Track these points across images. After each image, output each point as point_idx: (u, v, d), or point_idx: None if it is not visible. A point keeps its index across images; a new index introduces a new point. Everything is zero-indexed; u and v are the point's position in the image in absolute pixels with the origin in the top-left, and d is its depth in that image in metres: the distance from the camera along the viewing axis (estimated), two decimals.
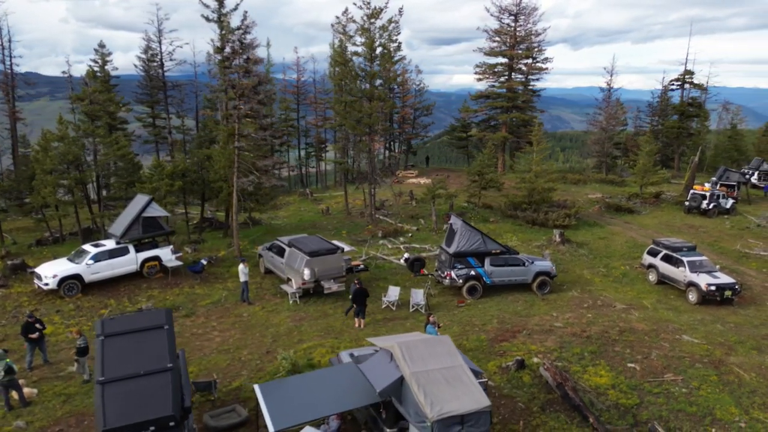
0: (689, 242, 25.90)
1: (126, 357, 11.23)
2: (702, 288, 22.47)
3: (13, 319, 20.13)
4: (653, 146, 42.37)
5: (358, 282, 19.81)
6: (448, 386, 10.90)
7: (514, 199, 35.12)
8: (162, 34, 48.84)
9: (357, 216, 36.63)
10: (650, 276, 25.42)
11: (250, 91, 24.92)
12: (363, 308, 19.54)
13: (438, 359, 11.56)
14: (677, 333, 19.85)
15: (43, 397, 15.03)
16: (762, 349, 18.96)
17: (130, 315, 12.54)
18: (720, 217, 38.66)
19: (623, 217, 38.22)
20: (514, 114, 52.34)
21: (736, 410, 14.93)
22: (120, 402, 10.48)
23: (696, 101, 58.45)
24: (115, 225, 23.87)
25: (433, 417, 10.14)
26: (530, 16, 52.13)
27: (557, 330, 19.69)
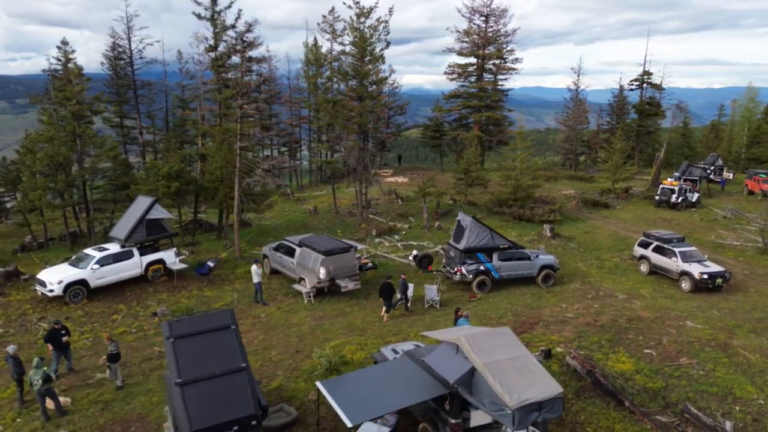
0: (678, 234, 27.33)
1: (199, 358, 11.14)
2: (695, 276, 23.81)
3: (21, 327, 19.36)
4: (623, 144, 44.21)
5: (388, 278, 20.53)
6: (520, 375, 11.33)
7: (500, 195, 36.01)
8: (131, 32, 47.51)
9: (346, 215, 36.72)
10: (642, 267, 26.69)
11: (253, 90, 24.64)
12: (389, 303, 20.04)
13: (504, 350, 11.98)
14: (680, 320, 21.01)
15: (79, 406, 14.61)
16: (758, 332, 20.31)
17: (194, 317, 12.35)
18: (688, 210, 40.79)
19: (600, 211, 39.81)
20: (487, 113, 53.50)
21: (752, 389, 16.01)
22: (202, 403, 10.43)
23: (654, 100, 61.24)
24: (118, 228, 23.21)
25: (514, 405, 10.53)
26: (500, 17, 53.40)
27: (571, 321, 20.50)
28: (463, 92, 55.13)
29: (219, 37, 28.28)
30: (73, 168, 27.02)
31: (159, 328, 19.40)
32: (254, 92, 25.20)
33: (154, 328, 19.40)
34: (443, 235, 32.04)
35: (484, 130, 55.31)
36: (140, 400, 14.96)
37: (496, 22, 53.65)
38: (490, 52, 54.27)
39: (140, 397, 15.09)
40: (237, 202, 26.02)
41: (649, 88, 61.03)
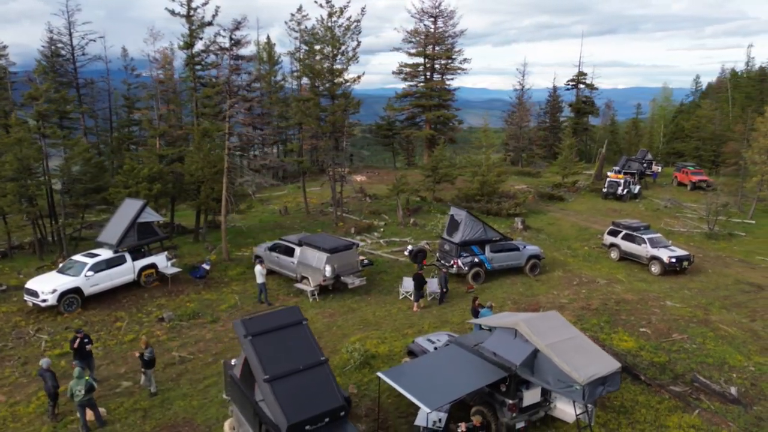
0: (644, 222, 29.55)
1: (279, 354, 11.21)
2: (665, 260, 25.93)
3: (19, 340, 18.26)
4: (572, 140, 46.87)
5: (420, 269, 21.71)
6: (579, 354, 12.25)
7: (468, 191, 37.28)
8: (73, 27, 44.98)
9: (318, 215, 36.73)
10: (612, 254, 28.66)
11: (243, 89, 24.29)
12: (419, 293, 20.96)
13: (558, 331, 12.87)
14: (660, 300, 22.90)
15: (116, 415, 14.17)
16: (728, 308, 22.53)
17: (264, 314, 12.27)
18: (632, 201, 43.90)
19: (556, 204, 42.07)
20: (439, 112, 54.90)
21: (741, 358, 17.86)
22: (292, 397, 10.56)
23: (589, 99, 65.08)
24: (107, 233, 22.22)
25: (584, 381, 11.41)
26: (449, 18, 54.95)
27: (567, 306, 21.86)
28: (415, 92, 56.23)
29: (195, 34, 27.57)
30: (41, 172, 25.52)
31: (171, 332, 18.99)
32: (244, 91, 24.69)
33: (166, 332, 18.90)
34: (419, 232, 32.87)
35: (434, 129, 56.71)
36: (179, 404, 14.69)
37: (444, 24, 55.16)
38: (439, 52, 55.73)
39: (178, 402, 14.81)
40: (225, 203, 25.56)
41: (584, 88, 64.76)
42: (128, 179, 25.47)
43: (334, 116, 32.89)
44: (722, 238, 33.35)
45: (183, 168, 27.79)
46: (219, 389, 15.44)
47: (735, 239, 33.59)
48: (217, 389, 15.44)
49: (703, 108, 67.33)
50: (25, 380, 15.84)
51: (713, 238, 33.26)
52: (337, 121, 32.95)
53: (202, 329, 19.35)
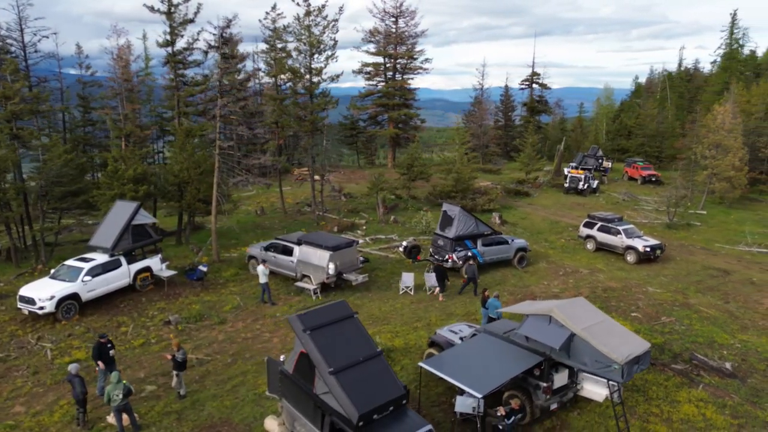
0: (617, 214, 31.18)
1: (337, 347, 11.43)
2: (640, 249, 27.54)
3: (21, 350, 17.48)
4: (534, 138, 48.62)
5: (441, 263, 22.97)
6: (612, 336, 13.09)
7: (443, 188, 38.10)
8: (25, 22, 42.67)
9: (295, 214, 36.60)
10: (588, 245, 30.11)
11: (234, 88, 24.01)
12: (442, 284, 22.27)
13: (589, 316, 13.69)
14: (642, 287, 24.38)
15: (150, 419, 13.95)
16: (703, 292, 24.24)
17: (316, 309, 12.33)
18: (592, 195, 46.05)
19: (523, 199, 43.58)
20: (402, 111, 55.56)
21: (727, 336, 19.38)
22: (358, 388, 10.82)
23: (543, 98, 67.53)
24: (100, 236, 21.48)
25: (623, 360, 12.23)
26: (411, 18, 55.70)
27: (560, 295, 22.95)
28: (378, 91, 56.65)
29: (176, 31, 27.00)
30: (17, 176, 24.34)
31: (181, 335, 18.68)
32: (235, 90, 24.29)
33: (179, 335, 18.57)
34: (401, 229, 33.38)
35: (397, 128, 57.35)
36: (211, 405, 14.59)
37: (406, 24, 55.90)
38: (401, 52, 56.40)
39: (209, 403, 14.70)
40: (215, 203, 25.19)
41: (538, 88, 67.18)
42: (113, 181, 24.66)
43: (313, 115, 32.91)
44: (681, 228, 35.61)
45: (165, 169, 27.12)
46: (248, 389, 15.44)
47: (692, 229, 35.94)
48: (245, 389, 15.41)
49: (646, 107, 71.26)
50: (41, 389, 15.26)
51: (673, 228, 35.46)
52: (316, 119, 32.98)
53: (211, 331, 19.12)
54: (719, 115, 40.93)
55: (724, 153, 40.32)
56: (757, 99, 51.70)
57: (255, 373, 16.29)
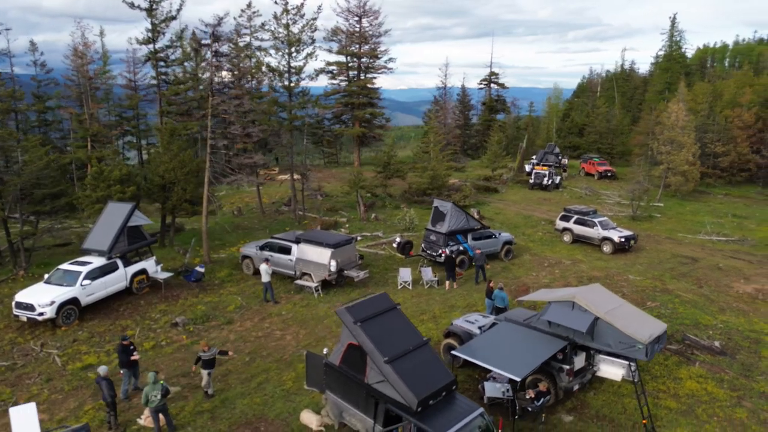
0: (591, 207, 32.66)
1: (387, 337, 11.78)
2: (615, 240, 29.04)
3: (25, 357, 16.87)
4: (500, 135, 50.05)
5: (452, 252, 23.74)
6: (632, 318, 14.00)
7: (419, 185, 38.76)
8: None
9: (274, 214, 36.40)
10: (565, 237, 31.44)
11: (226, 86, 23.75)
12: (452, 272, 23.04)
13: (608, 301, 14.56)
14: (622, 275, 25.77)
15: (182, 419, 13.87)
16: (678, 278, 25.85)
17: (360, 302, 12.54)
18: (556, 191, 47.90)
19: (492, 195, 44.84)
20: (368, 110, 55.88)
21: (709, 317, 20.85)
22: (413, 375, 11.22)
23: (501, 97, 69.39)
24: (94, 239, 20.84)
25: (646, 340, 13.14)
26: (375, 17, 56.04)
27: (551, 284, 23.99)
28: (344, 89, 56.72)
29: (158, 29, 26.44)
30: None
31: (193, 336, 18.48)
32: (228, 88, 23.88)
33: (190, 336, 18.37)
34: (383, 226, 33.79)
35: (363, 127, 57.60)
36: (242, 403, 14.61)
37: (370, 23, 56.22)
38: (365, 51, 56.69)
39: (239, 401, 14.71)
40: (206, 203, 24.85)
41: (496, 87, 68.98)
42: (98, 182, 23.93)
43: (291, 114, 32.85)
44: (644, 220, 37.66)
45: (149, 169, 26.53)
46: (274, 385, 15.52)
47: (654, 220, 38.07)
48: (271, 386, 15.49)
49: (597, 106, 74.40)
50: (59, 396, 14.84)
51: (637, 220, 37.44)
52: (296, 118, 32.94)
53: (221, 331, 18.99)
54: (673, 113, 43.43)
55: (679, 149, 42.84)
56: (701, 98, 55.03)
57: (277, 370, 16.38)
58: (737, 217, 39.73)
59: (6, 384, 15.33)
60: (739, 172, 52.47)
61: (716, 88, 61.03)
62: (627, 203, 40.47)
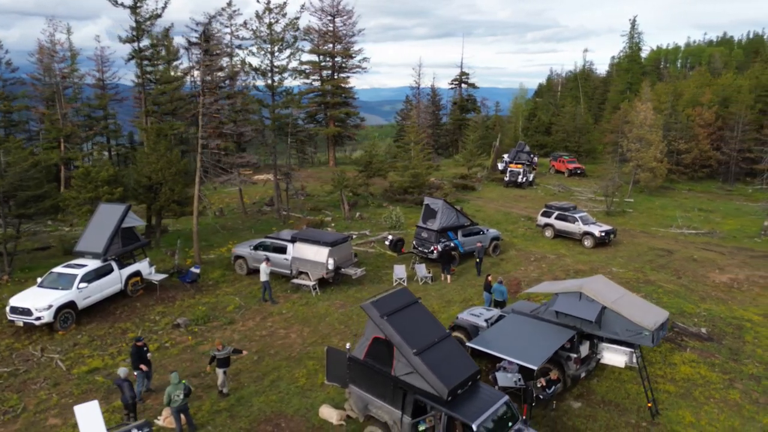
0: (572, 203, 33.64)
1: (413, 330, 12.07)
2: (596, 235, 30.05)
3: (26, 362, 16.47)
4: (476, 134, 50.91)
5: (447, 246, 24.20)
6: (636, 307, 14.70)
7: (401, 184, 39.13)
8: None
9: (256, 214, 36.18)
10: (547, 233, 32.33)
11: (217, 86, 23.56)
12: (447, 266, 23.53)
13: (612, 291, 15.22)
14: (606, 267, 26.71)
15: (201, 418, 13.85)
16: (658, 270, 26.96)
17: (383, 297, 12.71)
18: (530, 188, 49.05)
19: (471, 193, 45.62)
20: (344, 109, 55.99)
21: (692, 306, 21.88)
22: (441, 366, 11.55)
23: (471, 97, 70.46)
24: (87, 241, 20.41)
25: (653, 327, 13.82)
26: (348, 17, 56.20)
27: (540, 278, 24.71)
28: (318, 89, 56.66)
29: (142, 27, 26.02)
30: None
31: (199, 337, 18.37)
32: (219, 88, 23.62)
33: (194, 336, 18.24)
34: (369, 224, 34.04)
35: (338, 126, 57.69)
36: (258, 401, 14.68)
37: (344, 23, 56.35)
38: (338, 50, 56.79)
39: (255, 399, 14.78)
40: (197, 204, 24.61)
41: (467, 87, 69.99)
42: (86, 183, 23.41)
43: (276, 114, 32.77)
44: (618, 215, 38.98)
45: (135, 170, 26.10)
46: (287, 383, 15.62)
47: (627, 215, 39.46)
48: (285, 383, 15.58)
49: (563, 105, 76.37)
50: (70, 400, 14.55)
51: (611, 215, 38.71)
52: (280, 117, 32.86)
53: (224, 331, 18.92)
54: (641, 112, 45.07)
55: (647, 146, 44.47)
56: (664, 97, 57.17)
57: (287, 368, 16.46)
58: (703, 211, 41.54)
59: (12, 390, 14.97)
60: (701, 168, 54.79)
61: (677, 88, 63.51)
62: (600, 199, 41.81)
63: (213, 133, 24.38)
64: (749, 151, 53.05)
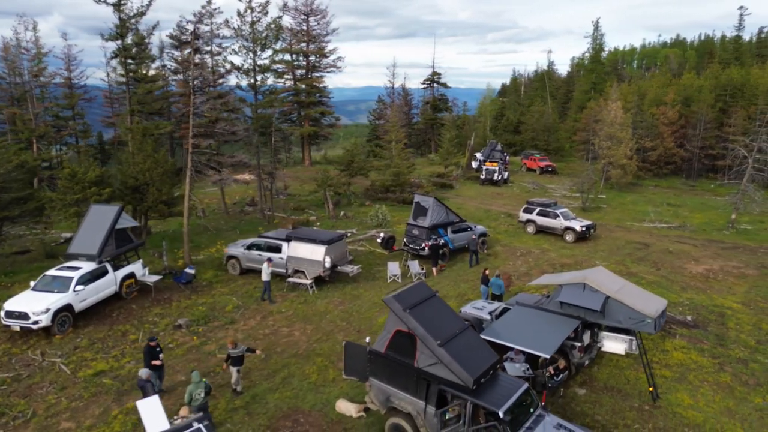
0: (551, 200, 34.53)
1: (434, 322, 12.38)
2: (578, 230, 30.99)
3: (27, 367, 16.10)
4: (452, 134, 51.62)
5: (436, 240, 24.85)
6: (637, 296, 15.35)
7: (383, 183, 39.42)
8: None
9: (239, 214, 35.90)
10: (529, 228, 33.13)
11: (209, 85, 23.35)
12: (435, 259, 24.32)
13: (613, 281, 15.85)
14: (590, 261, 27.59)
15: (219, 417, 13.86)
16: (637, 262, 28.00)
17: (403, 291, 12.92)
18: (505, 186, 50.05)
19: (449, 191, 46.24)
20: (319, 109, 55.93)
21: (675, 296, 22.87)
22: (464, 356, 11.90)
23: (444, 97, 71.30)
24: (80, 243, 19.96)
25: (654, 315, 14.48)
26: (323, 17, 56.15)
27: (529, 272, 25.41)
28: (293, 88, 56.43)
29: (126, 25, 25.58)
30: None
31: (203, 337, 18.28)
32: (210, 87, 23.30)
33: (198, 337, 18.13)
34: (353, 223, 34.22)
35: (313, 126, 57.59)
36: (272, 398, 14.77)
37: (318, 22, 56.28)
38: (312, 50, 56.71)
39: (270, 396, 14.86)
40: (187, 204, 24.34)
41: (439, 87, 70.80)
42: (73, 184, 22.88)
43: (259, 113, 32.62)
44: (593, 210, 40.22)
45: (121, 170, 25.64)
46: (299, 379, 15.74)
47: (602, 210, 40.75)
48: (297, 380, 15.70)
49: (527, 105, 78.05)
50: (80, 403, 14.35)
51: (587, 210, 39.93)
52: (263, 117, 32.72)
53: (226, 331, 18.86)
54: (612, 110, 46.57)
55: (618, 144, 45.98)
56: (629, 97, 59.16)
57: (297, 365, 16.57)
58: (672, 206, 43.26)
59: (17, 395, 14.64)
60: (666, 165, 56.97)
61: (640, 88, 65.78)
62: (574, 196, 43.04)
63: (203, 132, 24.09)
64: (711, 148, 55.42)
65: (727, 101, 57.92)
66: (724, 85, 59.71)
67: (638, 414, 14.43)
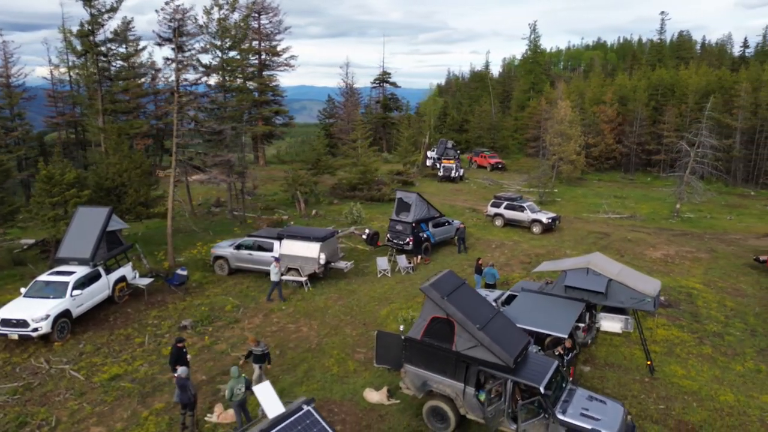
0: (517, 194, 36.03)
1: (470, 307, 13.06)
2: (544, 222, 32.60)
3: (35, 375, 15.47)
4: (409, 132, 52.57)
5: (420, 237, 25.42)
6: (636, 278, 16.67)
7: (350, 181, 39.73)
8: None
9: (207, 215, 35.24)
10: (497, 222, 34.49)
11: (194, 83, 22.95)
12: (418, 249, 25.42)
13: (612, 265, 17.10)
14: (561, 250, 29.20)
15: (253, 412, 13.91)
16: (602, 250, 29.68)
17: (436, 279, 13.36)
18: (461, 182, 51.55)
19: (410, 188, 46.98)
20: (274, 108, 55.45)
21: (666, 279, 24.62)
22: (502, 338, 12.66)
23: (395, 96, 72.28)
24: (70, 247, 19.20)
25: (653, 294, 15.80)
26: (274, 15, 55.65)
27: (509, 262, 26.66)
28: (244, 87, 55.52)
29: (98, 20, 24.71)
30: None
31: (212, 336, 18.12)
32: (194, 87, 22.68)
33: (208, 336, 17.96)
34: (326, 221, 34.39)
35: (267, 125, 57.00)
36: (299, 390, 14.99)
37: (270, 20, 55.74)
38: (265, 48, 56.12)
39: (297, 388, 15.09)
40: (171, 204, 23.84)
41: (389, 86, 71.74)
42: (51, 187, 21.92)
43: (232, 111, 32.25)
44: (549, 204, 42.23)
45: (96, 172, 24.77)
46: (321, 372, 16.01)
47: (558, 204, 42.85)
48: (319, 373, 15.96)
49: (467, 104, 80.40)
50: (105, 408, 14.01)
51: (543, 204, 41.85)
52: (235, 115, 32.36)
53: (233, 330, 18.78)
54: (561, 109, 48.99)
55: (568, 141, 48.43)
56: (573, 96, 62.25)
57: (314, 359, 16.80)
58: (618, 198, 46.10)
59: (34, 404, 14.10)
60: (606, 160, 60.36)
61: (579, 87, 69.29)
62: (529, 190, 45.00)
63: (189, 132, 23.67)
64: (647, 144, 59.27)
65: (659, 100, 62.06)
66: (656, 86, 63.93)
67: (641, 386, 15.69)
